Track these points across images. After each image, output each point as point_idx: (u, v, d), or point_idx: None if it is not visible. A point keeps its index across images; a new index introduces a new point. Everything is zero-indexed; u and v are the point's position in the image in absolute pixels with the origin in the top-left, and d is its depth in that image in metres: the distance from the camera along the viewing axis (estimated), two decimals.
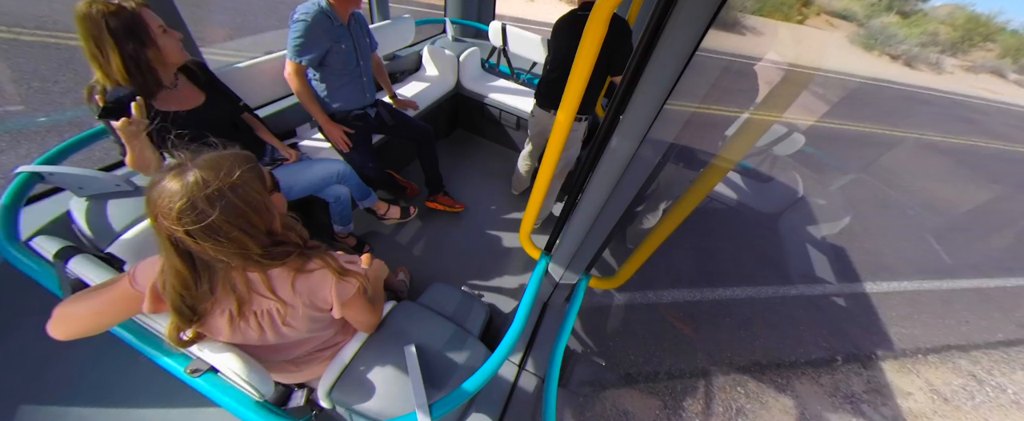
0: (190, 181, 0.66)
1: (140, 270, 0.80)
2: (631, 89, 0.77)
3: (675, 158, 2.02)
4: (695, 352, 2.28)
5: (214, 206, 0.67)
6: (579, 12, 1.78)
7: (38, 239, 1.08)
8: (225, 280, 0.79)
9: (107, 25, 1.04)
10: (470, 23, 3.02)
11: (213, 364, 0.90)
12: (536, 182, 1.21)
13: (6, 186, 1.12)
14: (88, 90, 1.10)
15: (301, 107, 1.80)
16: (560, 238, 1.27)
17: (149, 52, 1.14)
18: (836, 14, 17.20)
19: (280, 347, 0.97)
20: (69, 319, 0.78)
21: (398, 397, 1.04)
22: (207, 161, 0.70)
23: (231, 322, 0.83)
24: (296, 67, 1.64)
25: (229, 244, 0.71)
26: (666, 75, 0.71)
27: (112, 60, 1.07)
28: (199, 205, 0.66)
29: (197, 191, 0.66)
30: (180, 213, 0.66)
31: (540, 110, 2.05)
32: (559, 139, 1.04)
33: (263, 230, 0.75)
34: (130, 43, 1.09)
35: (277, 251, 0.79)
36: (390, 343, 1.14)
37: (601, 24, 0.78)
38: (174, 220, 0.66)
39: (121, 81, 1.10)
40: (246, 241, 0.73)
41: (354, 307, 0.95)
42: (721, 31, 9.24)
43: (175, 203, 0.65)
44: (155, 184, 0.68)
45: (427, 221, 2.34)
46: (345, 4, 1.64)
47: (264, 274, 0.80)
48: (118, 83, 1.10)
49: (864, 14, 17.22)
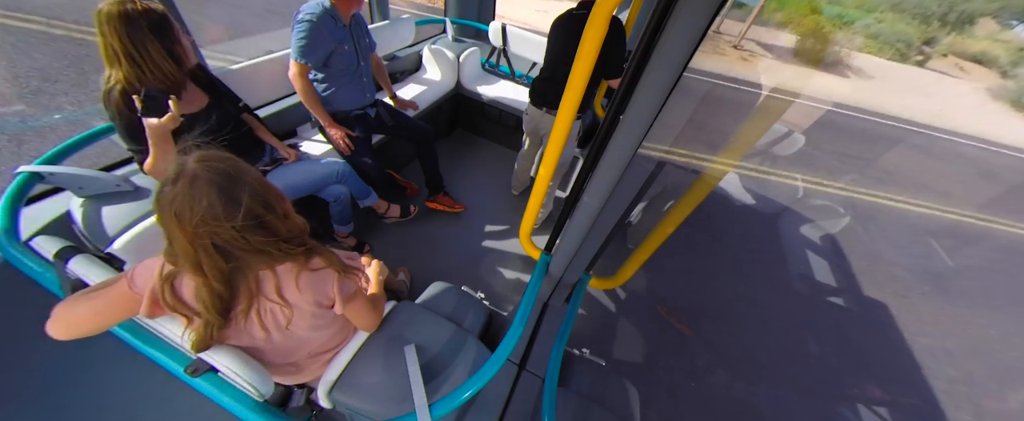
0: (216, 179, 0.67)
1: (138, 273, 0.80)
2: (631, 89, 0.77)
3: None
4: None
5: (246, 193, 0.69)
6: (576, 12, 1.78)
7: (38, 239, 1.08)
8: (244, 280, 0.79)
9: (146, 24, 1.05)
10: (470, 23, 3.02)
11: (213, 364, 0.90)
12: (536, 182, 1.21)
13: (6, 186, 1.12)
14: (106, 91, 1.10)
15: (301, 107, 1.80)
16: (560, 238, 1.27)
17: (178, 51, 1.15)
18: (970, 57, 12.01)
19: (283, 349, 0.97)
20: (68, 320, 0.78)
21: (398, 397, 1.04)
22: (209, 157, 0.70)
23: (238, 323, 0.83)
24: (301, 68, 1.64)
25: (262, 232, 0.72)
26: (666, 75, 0.71)
27: (149, 59, 1.08)
28: (239, 196, 0.68)
29: (230, 185, 0.67)
30: (228, 215, 0.67)
31: (532, 108, 2.07)
32: (559, 139, 1.04)
33: (281, 214, 0.76)
34: (167, 41, 1.11)
35: (295, 238, 0.80)
36: (390, 343, 1.14)
37: (601, 24, 0.78)
38: (222, 221, 0.67)
39: (152, 81, 1.11)
40: (277, 225, 0.74)
41: (356, 304, 0.96)
42: (822, 71, 8.39)
43: (217, 205, 0.66)
44: (181, 195, 0.66)
45: (427, 221, 2.34)
46: (347, 5, 1.64)
47: (273, 272, 0.80)
48: (145, 83, 1.10)
49: (1010, 60, 11.64)
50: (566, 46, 1.81)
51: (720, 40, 9.41)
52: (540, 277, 1.33)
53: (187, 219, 0.66)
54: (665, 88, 0.72)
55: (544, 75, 1.95)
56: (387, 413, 1.01)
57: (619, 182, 0.94)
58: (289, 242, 0.78)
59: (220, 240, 0.69)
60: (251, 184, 0.71)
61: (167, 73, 1.13)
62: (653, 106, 0.76)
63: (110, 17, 1.02)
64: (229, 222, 0.67)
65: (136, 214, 1.26)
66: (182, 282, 0.77)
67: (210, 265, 0.71)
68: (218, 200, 0.66)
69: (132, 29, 1.04)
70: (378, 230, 2.21)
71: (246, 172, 0.72)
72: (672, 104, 0.76)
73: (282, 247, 0.76)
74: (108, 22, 1.03)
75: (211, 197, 0.66)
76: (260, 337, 0.86)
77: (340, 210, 1.83)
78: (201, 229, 0.67)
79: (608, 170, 0.92)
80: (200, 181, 0.66)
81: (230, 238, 0.69)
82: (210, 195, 0.66)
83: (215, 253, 0.70)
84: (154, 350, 0.97)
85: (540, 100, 2.00)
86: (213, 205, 0.66)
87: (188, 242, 0.68)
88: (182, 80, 1.21)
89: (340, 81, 1.78)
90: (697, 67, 6.67)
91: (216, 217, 0.66)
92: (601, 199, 1.00)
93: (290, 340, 0.93)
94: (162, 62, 1.11)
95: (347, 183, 1.79)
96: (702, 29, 0.64)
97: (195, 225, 0.66)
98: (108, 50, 1.06)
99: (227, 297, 0.76)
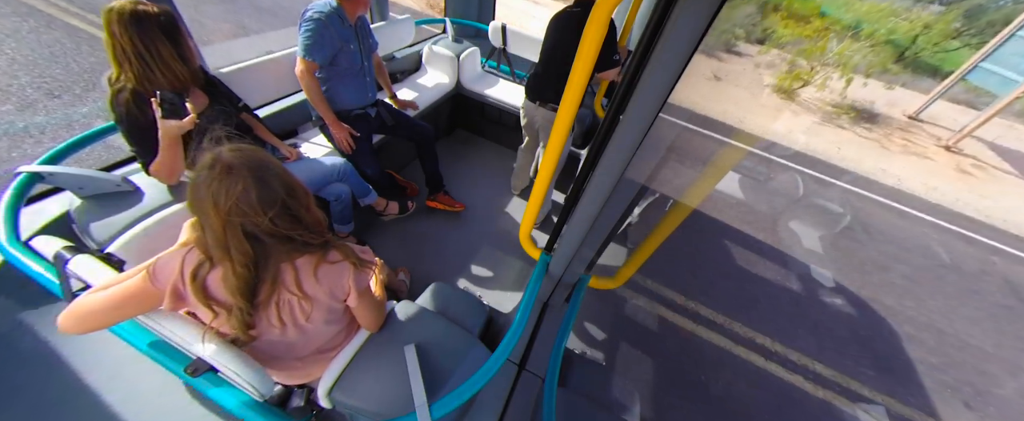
0: (253, 168, 0.71)
1: (160, 268, 0.80)
2: (631, 89, 0.77)
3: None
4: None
5: (280, 184, 0.74)
6: (574, 9, 1.79)
7: (38, 239, 1.08)
8: (268, 269, 0.81)
9: (157, 25, 1.05)
10: (470, 23, 3.02)
11: (213, 364, 0.90)
12: (536, 182, 1.21)
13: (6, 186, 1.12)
14: (115, 92, 1.09)
15: (302, 107, 1.80)
16: (560, 238, 1.27)
17: (186, 52, 1.16)
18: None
19: (292, 345, 0.97)
20: (87, 314, 0.78)
21: (398, 397, 1.04)
22: (238, 149, 0.73)
23: (258, 314, 0.84)
24: (307, 65, 1.64)
25: (292, 221, 0.76)
26: (666, 75, 0.71)
27: (160, 59, 1.08)
28: (270, 184, 0.72)
29: (264, 174, 0.72)
30: (260, 201, 0.71)
31: (528, 102, 2.10)
32: (559, 137, 1.04)
33: (305, 205, 0.80)
34: (178, 42, 1.11)
35: (316, 230, 0.83)
36: (390, 343, 1.14)
37: (601, 24, 0.78)
38: (256, 206, 0.71)
39: (163, 82, 1.11)
40: (304, 215, 0.78)
41: (367, 298, 0.98)
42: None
43: (252, 190, 0.70)
44: (215, 181, 0.70)
45: (427, 221, 2.34)
46: (355, 6, 1.65)
47: (293, 265, 0.83)
48: (156, 85, 1.10)
49: None
50: (560, 42, 1.83)
51: (916, 132, 5.71)
52: (540, 277, 1.33)
53: (222, 204, 0.70)
54: (666, 87, 0.72)
55: (537, 70, 2.00)
56: (387, 413, 1.01)
57: (619, 182, 0.94)
58: (312, 232, 0.81)
59: (251, 224, 0.73)
60: (280, 174, 0.76)
61: (178, 74, 1.13)
62: (654, 106, 0.76)
63: (121, 16, 1.01)
64: (263, 207, 0.71)
65: (136, 214, 1.26)
66: (209, 275, 0.78)
67: (238, 249, 0.75)
68: (253, 186, 0.71)
69: (144, 29, 1.03)
70: (378, 230, 2.21)
71: (274, 163, 0.76)
72: (672, 103, 0.76)
73: (305, 236, 0.80)
74: (119, 21, 1.01)
75: (247, 183, 0.70)
76: (276, 331, 0.88)
77: (341, 209, 1.83)
78: (234, 214, 0.71)
79: (608, 170, 0.92)
80: (236, 169, 0.70)
81: (260, 223, 0.73)
82: (246, 181, 0.70)
83: (244, 238, 0.74)
84: (154, 350, 0.97)
85: (533, 94, 2.05)
86: (247, 190, 0.70)
87: (222, 227, 0.72)
88: (190, 81, 1.21)
89: (343, 80, 1.78)
90: (879, 182, 3.67)
91: (250, 202, 0.71)
92: (601, 199, 1.00)
93: (302, 334, 0.94)
94: (173, 63, 1.11)
95: (348, 182, 1.79)
96: (702, 29, 0.64)
97: (229, 210, 0.71)
98: (116, 50, 1.05)
99: (253, 282, 0.79)
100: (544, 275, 1.36)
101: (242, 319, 0.81)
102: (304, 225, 0.79)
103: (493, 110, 2.83)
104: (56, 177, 1.18)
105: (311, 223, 0.81)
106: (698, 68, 0.72)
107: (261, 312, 0.84)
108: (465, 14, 3.02)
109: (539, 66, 1.99)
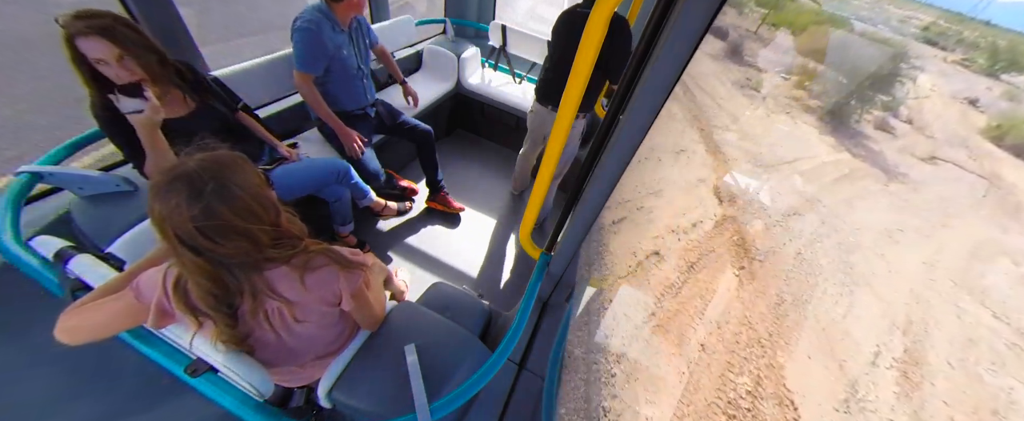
0: (196, 181, 0.66)
1: (143, 283, 0.81)
2: (631, 89, 0.77)
3: None
4: None
5: (224, 202, 0.68)
6: (579, 9, 1.78)
7: (38, 239, 1.08)
8: (239, 281, 0.79)
9: (68, 39, 1.02)
10: (470, 23, 3.02)
11: (213, 364, 0.90)
12: (536, 181, 1.21)
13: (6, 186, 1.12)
14: (89, 101, 1.10)
15: (302, 107, 1.80)
16: (560, 238, 1.27)
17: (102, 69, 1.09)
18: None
19: (290, 352, 0.97)
20: (76, 329, 0.80)
21: (398, 397, 1.04)
22: (206, 159, 0.70)
23: (247, 324, 0.83)
24: (304, 77, 1.63)
25: (240, 240, 0.71)
26: (666, 75, 0.71)
27: (86, 66, 1.06)
28: (210, 203, 0.67)
29: (205, 189, 0.67)
30: (192, 217, 0.66)
31: (538, 105, 2.06)
32: (560, 138, 1.04)
33: (269, 223, 0.76)
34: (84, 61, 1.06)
35: (285, 244, 0.79)
36: (390, 343, 1.14)
37: (601, 24, 0.78)
38: (187, 221, 0.66)
39: (108, 83, 1.09)
40: (257, 234, 0.73)
41: (362, 298, 0.97)
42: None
43: (183, 206, 0.66)
44: (159, 189, 0.67)
45: (427, 221, 2.34)
46: (347, 10, 1.63)
47: (263, 276, 0.80)
48: (105, 86, 1.09)
49: None
50: (569, 43, 1.80)
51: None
52: (540, 277, 1.33)
53: (156, 214, 0.68)
54: (665, 88, 0.72)
55: (548, 74, 1.94)
56: (387, 413, 1.01)
57: (619, 182, 0.94)
58: (277, 247, 0.77)
59: (187, 237, 0.68)
60: (237, 193, 0.70)
61: (111, 75, 1.07)
62: (653, 106, 0.76)
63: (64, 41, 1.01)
64: (194, 224, 0.67)
65: (136, 214, 1.26)
66: (188, 284, 0.78)
67: (190, 260, 0.72)
68: (188, 202, 0.66)
69: (67, 43, 1.02)
70: (378, 230, 2.21)
71: (240, 181, 0.71)
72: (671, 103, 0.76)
73: (268, 254, 0.76)
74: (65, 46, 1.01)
75: (183, 198, 0.66)
76: (271, 338, 0.87)
77: (341, 210, 1.83)
78: (171, 228, 0.67)
79: (608, 170, 0.92)
80: (178, 180, 0.66)
81: (190, 235, 0.68)
82: (181, 196, 0.66)
83: (186, 250, 0.71)
84: (154, 350, 0.97)
85: (545, 98, 1.99)
86: (180, 205, 0.66)
87: (163, 237, 0.70)
88: (150, 79, 1.13)
89: (341, 84, 1.78)
90: None
91: (181, 218, 0.66)
92: (601, 199, 1.00)
93: (299, 341, 0.93)
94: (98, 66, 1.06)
95: (347, 182, 1.79)
96: (702, 30, 0.64)
97: (162, 220, 0.68)
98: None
99: (219, 294, 0.77)
100: (544, 275, 1.36)
101: (225, 328, 0.80)
102: (262, 244, 0.74)
103: (493, 110, 2.83)
104: (56, 177, 1.18)
105: (273, 241, 0.77)
106: (698, 68, 0.72)
107: (250, 322, 0.83)
108: (465, 14, 3.02)
109: (549, 70, 1.93)
